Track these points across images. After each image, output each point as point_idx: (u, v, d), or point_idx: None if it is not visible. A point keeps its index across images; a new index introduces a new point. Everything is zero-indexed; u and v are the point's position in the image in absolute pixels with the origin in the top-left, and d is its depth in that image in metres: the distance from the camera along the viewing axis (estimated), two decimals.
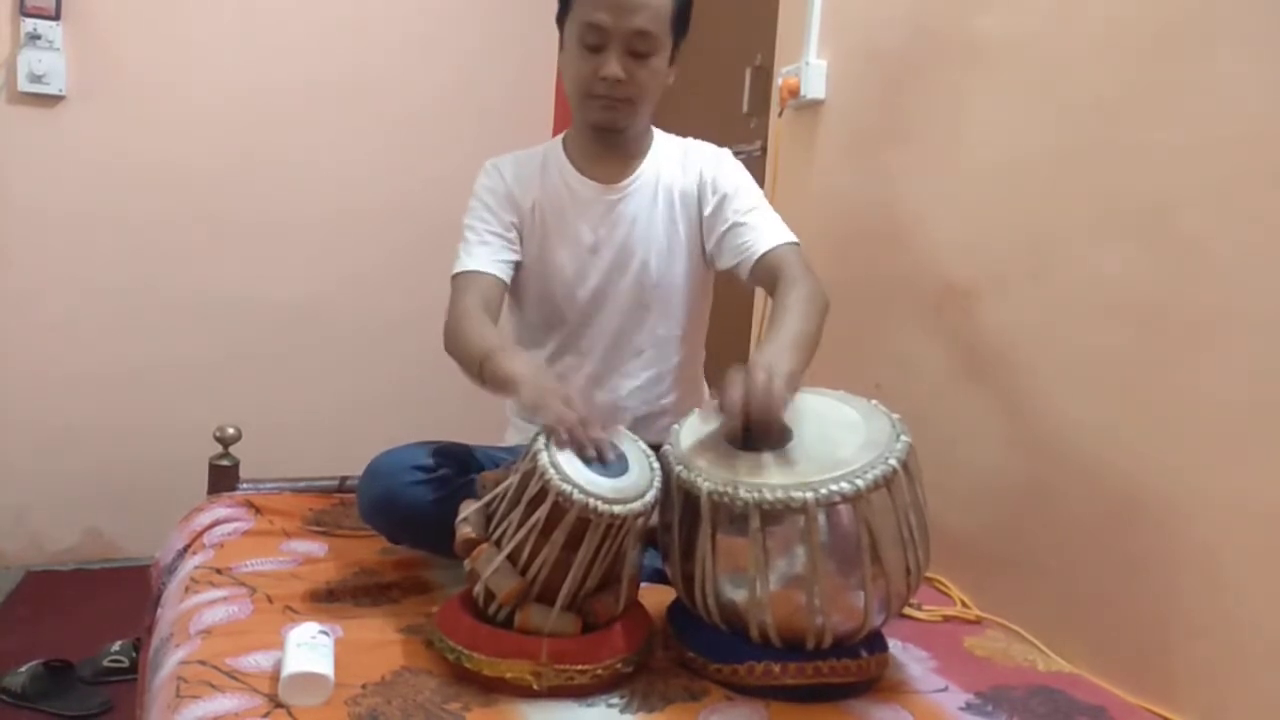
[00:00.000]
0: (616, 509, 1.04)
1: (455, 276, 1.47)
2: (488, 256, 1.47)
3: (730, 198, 1.49)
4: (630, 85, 1.41)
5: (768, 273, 1.42)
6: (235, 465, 1.76)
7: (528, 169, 1.54)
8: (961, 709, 1.12)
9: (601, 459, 1.11)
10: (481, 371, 1.28)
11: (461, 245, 1.49)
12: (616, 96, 1.42)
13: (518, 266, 1.52)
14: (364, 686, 1.05)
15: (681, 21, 1.44)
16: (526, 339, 1.59)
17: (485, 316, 1.39)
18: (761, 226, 1.46)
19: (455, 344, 1.37)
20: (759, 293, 1.96)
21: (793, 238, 1.46)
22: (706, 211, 1.51)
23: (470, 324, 1.37)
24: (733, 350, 2.15)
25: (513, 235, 1.51)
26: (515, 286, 1.53)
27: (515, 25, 2.94)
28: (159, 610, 1.42)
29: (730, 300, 1.66)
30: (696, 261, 1.54)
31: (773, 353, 1.19)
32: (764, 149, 2.22)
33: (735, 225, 1.47)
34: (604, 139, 1.51)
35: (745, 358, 2.14)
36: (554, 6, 1.48)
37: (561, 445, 1.09)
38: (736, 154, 1.58)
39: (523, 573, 1.08)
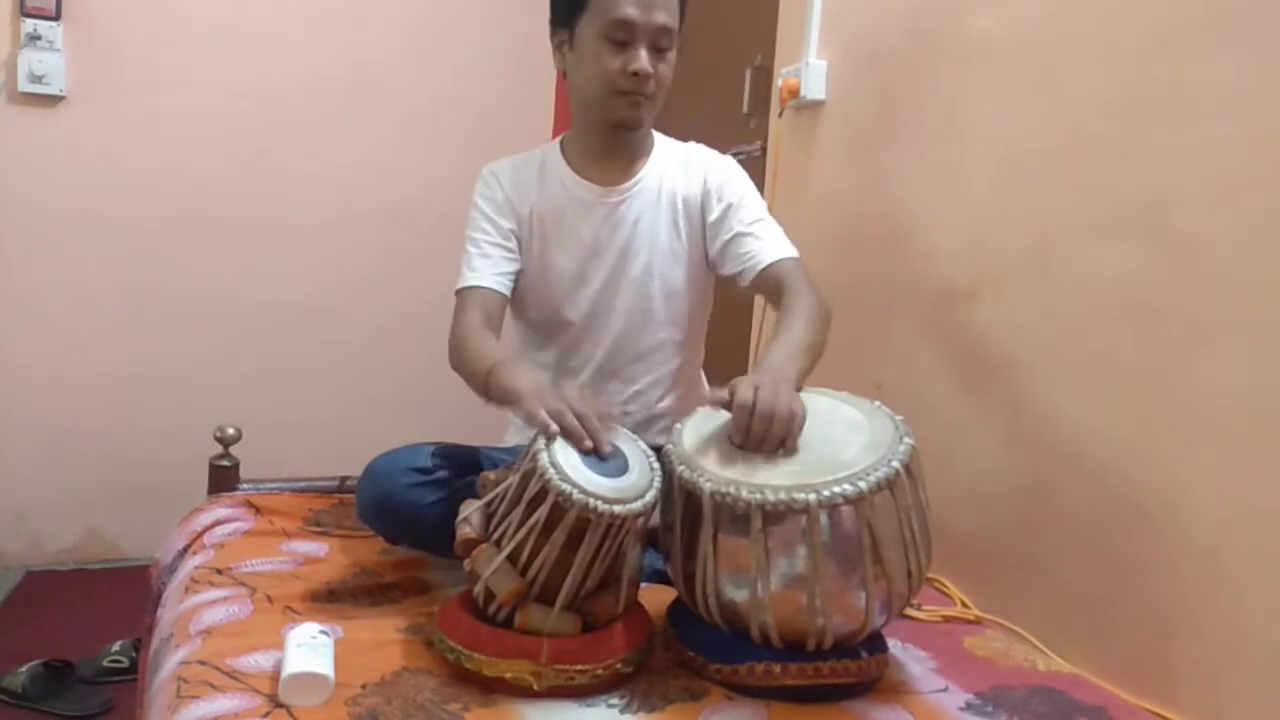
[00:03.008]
0: (616, 509, 1.04)
1: (458, 292, 1.48)
2: (488, 270, 1.48)
3: (735, 207, 1.49)
4: (653, 80, 1.42)
5: (771, 284, 1.43)
6: (235, 465, 1.76)
7: (525, 174, 1.54)
8: (961, 709, 1.12)
9: (599, 451, 1.11)
10: (486, 386, 1.29)
11: (464, 259, 1.50)
12: (644, 92, 1.42)
13: (519, 274, 1.52)
14: (364, 686, 1.05)
15: (682, 18, 1.46)
16: (529, 344, 1.59)
17: (487, 331, 1.40)
18: (766, 238, 1.47)
19: (460, 360, 1.38)
20: (759, 297, 1.96)
21: (794, 252, 1.47)
22: (710, 218, 1.51)
23: (473, 340, 1.38)
24: (733, 352, 2.15)
25: (512, 244, 1.51)
26: (516, 292, 1.53)
27: (515, 26, 2.94)
28: (159, 610, 1.42)
29: (730, 303, 1.66)
30: (698, 265, 1.54)
31: (779, 357, 1.21)
32: (764, 149, 2.22)
33: (740, 235, 1.48)
34: (611, 140, 1.50)
35: (745, 360, 2.15)
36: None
37: (553, 436, 1.09)
38: (736, 154, 1.59)
39: (523, 573, 1.08)
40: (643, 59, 1.39)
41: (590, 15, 1.41)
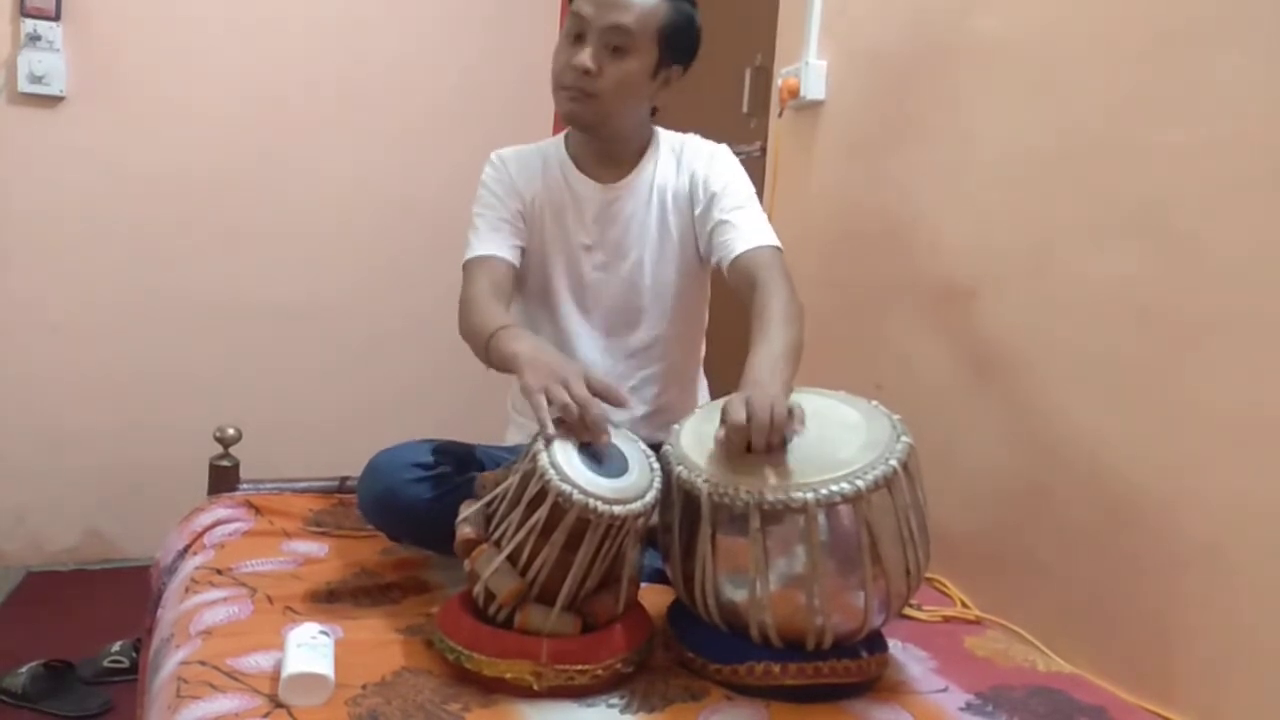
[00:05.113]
0: (616, 509, 1.05)
1: (467, 263, 1.47)
2: (499, 242, 1.47)
3: (719, 196, 1.48)
4: (598, 79, 1.39)
5: (743, 275, 1.40)
6: (235, 466, 1.76)
7: (530, 163, 1.54)
8: (961, 709, 1.12)
9: (599, 447, 1.10)
10: (487, 350, 1.28)
11: (471, 232, 1.49)
12: (584, 89, 1.40)
13: (525, 254, 1.51)
14: (364, 686, 1.05)
15: (673, 42, 1.42)
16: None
17: (495, 299, 1.39)
18: (743, 226, 1.44)
19: (466, 326, 1.37)
20: None
21: (773, 241, 1.44)
22: (698, 211, 1.50)
23: (479, 306, 1.37)
24: (732, 352, 2.14)
25: (521, 225, 1.51)
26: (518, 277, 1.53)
27: (517, 27, 2.94)
28: (159, 611, 1.42)
29: (730, 300, 1.65)
30: (690, 262, 1.54)
31: (766, 365, 1.19)
32: (764, 149, 2.22)
33: (720, 223, 1.46)
34: (591, 137, 1.50)
35: (744, 355, 2.14)
36: (554, 10, 1.48)
37: (550, 439, 1.09)
38: (736, 154, 1.57)
39: (522, 573, 1.08)
40: (584, 54, 1.38)
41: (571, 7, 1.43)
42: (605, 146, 1.51)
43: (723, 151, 1.55)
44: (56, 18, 2.54)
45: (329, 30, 2.85)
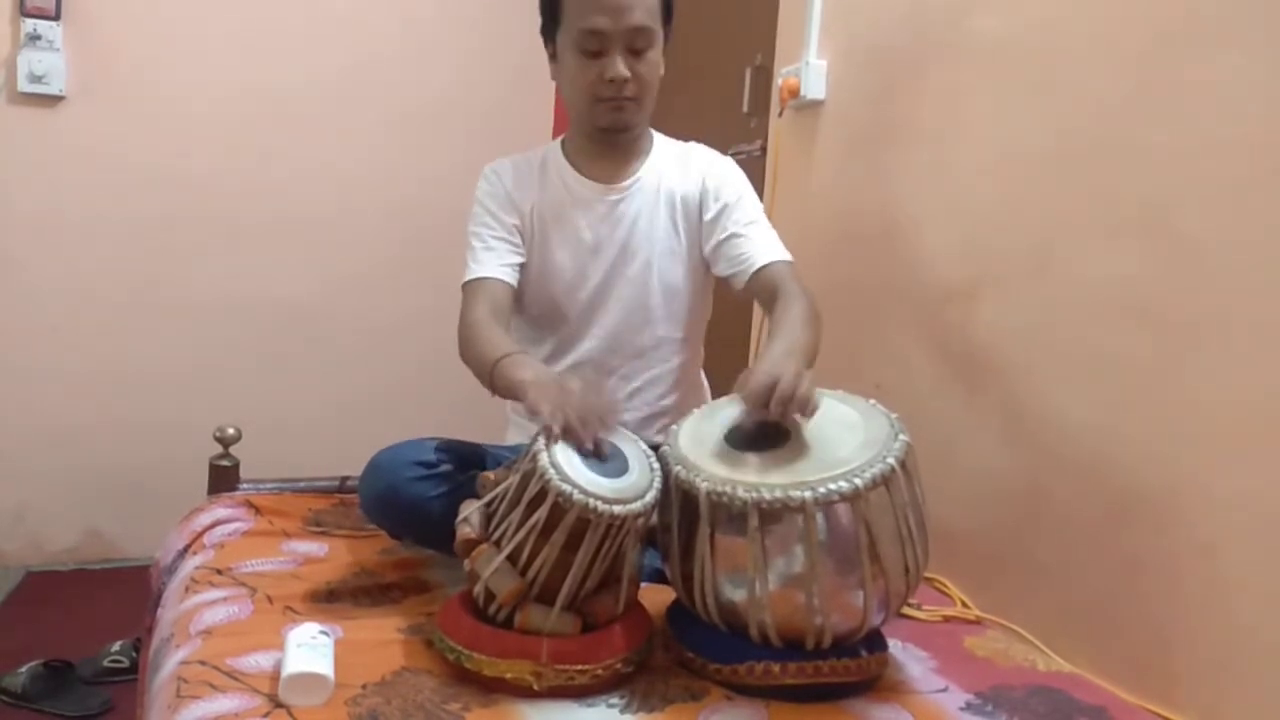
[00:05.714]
0: (616, 509, 1.04)
1: (465, 285, 1.48)
2: (495, 262, 1.48)
3: (731, 207, 1.50)
4: (634, 83, 1.42)
5: (764, 287, 1.44)
6: (235, 465, 1.76)
7: (526, 172, 1.55)
8: (961, 709, 1.12)
9: (599, 453, 1.11)
10: (491, 378, 1.29)
11: (468, 253, 1.50)
12: (625, 96, 1.43)
13: (523, 268, 1.52)
14: (364, 686, 1.05)
15: (667, 10, 1.46)
16: (525, 339, 1.59)
17: (495, 323, 1.41)
18: (760, 240, 1.48)
19: (468, 352, 1.38)
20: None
21: (788, 256, 1.48)
22: (707, 216, 1.52)
23: (481, 332, 1.38)
24: (732, 353, 2.15)
25: (517, 239, 1.52)
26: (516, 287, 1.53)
27: (515, 25, 2.93)
28: (159, 610, 1.42)
29: (730, 303, 1.65)
30: (696, 264, 1.55)
31: (779, 357, 1.21)
32: (764, 149, 2.22)
33: (734, 236, 1.48)
34: (606, 140, 1.51)
35: (745, 361, 2.15)
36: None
37: (556, 438, 1.09)
38: (736, 154, 1.59)
39: (522, 573, 1.08)
40: (618, 66, 1.40)
41: (565, 27, 1.43)
42: (613, 148, 1.52)
43: (730, 162, 1.58)
44: (56, 17, 2.55)
45: (327, 29, 2.86)
